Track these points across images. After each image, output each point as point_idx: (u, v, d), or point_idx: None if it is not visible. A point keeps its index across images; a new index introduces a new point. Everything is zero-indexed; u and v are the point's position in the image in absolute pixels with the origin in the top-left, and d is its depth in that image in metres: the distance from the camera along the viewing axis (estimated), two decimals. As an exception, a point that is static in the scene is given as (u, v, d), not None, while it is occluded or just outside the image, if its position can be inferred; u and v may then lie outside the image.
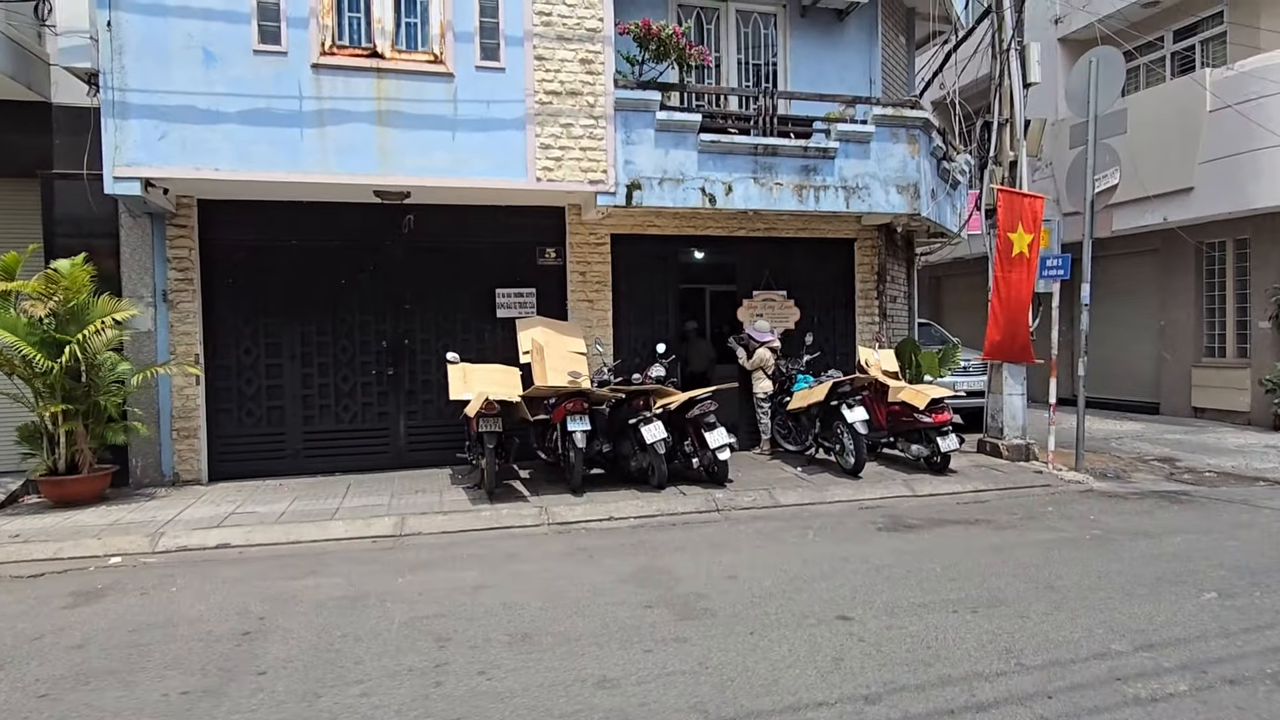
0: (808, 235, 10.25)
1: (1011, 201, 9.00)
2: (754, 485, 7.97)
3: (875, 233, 10.50)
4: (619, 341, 9.66)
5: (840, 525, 6.70)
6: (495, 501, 7.38)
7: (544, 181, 8.25)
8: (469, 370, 8.25)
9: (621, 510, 7.19)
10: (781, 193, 8.95)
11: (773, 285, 10.22)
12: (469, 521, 6.86)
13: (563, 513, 7.10)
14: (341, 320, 8.95)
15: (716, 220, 9.85)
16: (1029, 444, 9.35)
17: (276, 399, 8.80)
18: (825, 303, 10.48)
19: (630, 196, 8.50)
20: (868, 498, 7.67)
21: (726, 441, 7.70)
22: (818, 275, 10.44)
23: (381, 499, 7.58)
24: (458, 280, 9.26)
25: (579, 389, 7.69)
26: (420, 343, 9.18)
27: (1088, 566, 5.39)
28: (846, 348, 10.49)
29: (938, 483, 8.11)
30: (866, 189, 9.23)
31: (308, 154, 7.64)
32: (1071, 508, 7.29)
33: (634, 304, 9.76)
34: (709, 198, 8.73)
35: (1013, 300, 9.01)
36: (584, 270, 9.48)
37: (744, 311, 10.08)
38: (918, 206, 9.41)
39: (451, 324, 9.27)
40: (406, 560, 5.89)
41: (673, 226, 9.74)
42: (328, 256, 8.88)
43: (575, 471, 7.58)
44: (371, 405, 9.07)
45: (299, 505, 7.36)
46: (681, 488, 7.87)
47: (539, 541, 6.39)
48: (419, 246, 9.12)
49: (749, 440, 10.01)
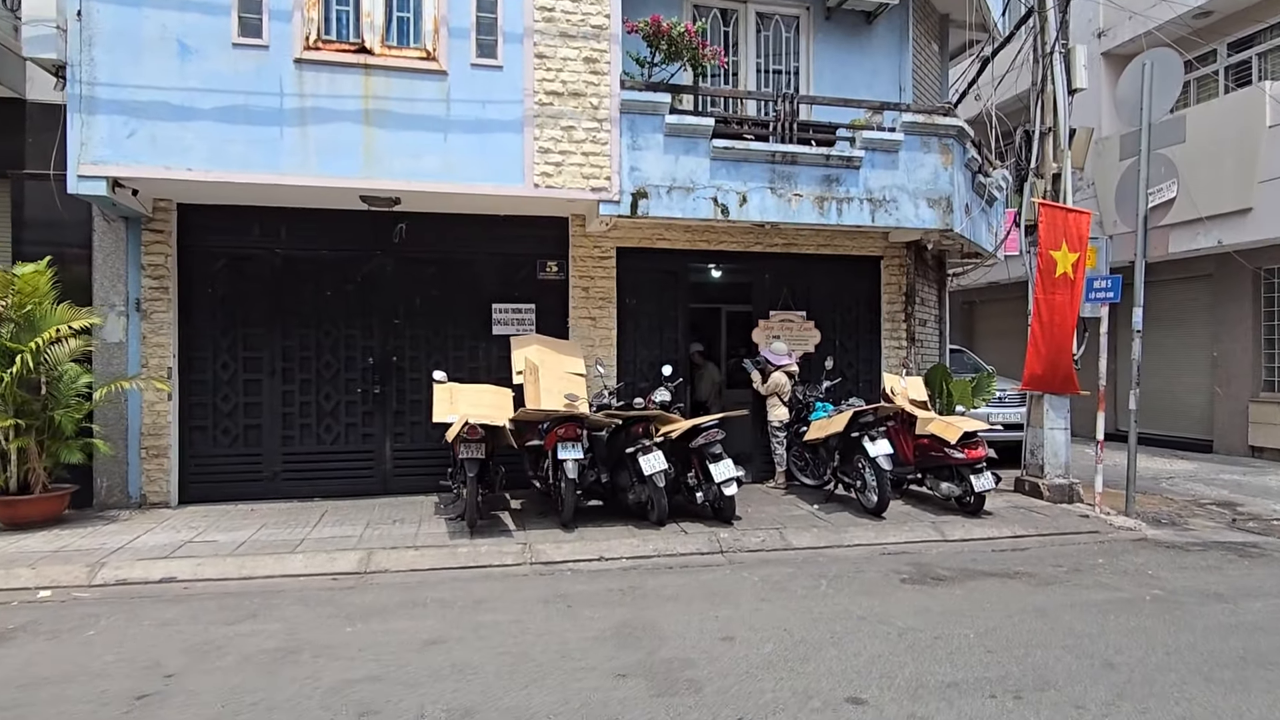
0: (830, 252, 9.52)
1: (1054, 217, 8.20)
2: (764, 523, 7.19)
3: (904, 250, 9.74)
4: (623, 363, 8.98)
5: (858, 574, 5.90)
6: (476, 536, 6.70)
7: (542, 188, 7.64)
8: (456, 391, 7.61)
9: (614, 549, 6.46)
10: (801, 204, 8.25)
11: (791, 305, 9.49)
12: (442, 559, 6.17)
13: (548, 551, 6.39)
14: (326, 334, 8.38)
15: (731, 234, 9.17)
16: (1072, 484, 8.46)
17: (254, 417, 8.23)
18: (848, 325, 9.72)
19: (635, 206, 7.85)
20: (891, 542, 6.85)
21: (733, 475, 6.95)
22: (840, 295, 9.69)
23: (355, 529, 6.93)
24: (452, 294, 8.66)
25: (572, 413, 7.00)
26: (410, 360, 8.57)
27: (1153, 639, 4.54)
28: (871, 374, 9.69)
29: (970, 526, 7.27)
30: (894, 202, 8.50)
31: (288, 155, 7.11)
32: (1124, 560, 6.41)
33: (640, 323, 9.08)
34: (721, 208, 8.05)
35: (1055, 325, 8.18)
36: (587, 286, 8.83)
37: (760, 333, 9.35)
38: (950, 222, 8.65)
39: (444, 340, 8.65)
40: (363, 604, 5.21)
41: (684, 240, 9.08)
42: (313, 266, 8.34)
43: (566, 504, 6.88)
44: (356, 426, 8.46)
45: (264, 534, 6.74)
46: (684, 524, 7.12)
47: (517, 585, 5.68)
48: (411, 257, 8.55)
49: (763, 471, 9.24)
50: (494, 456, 7.36)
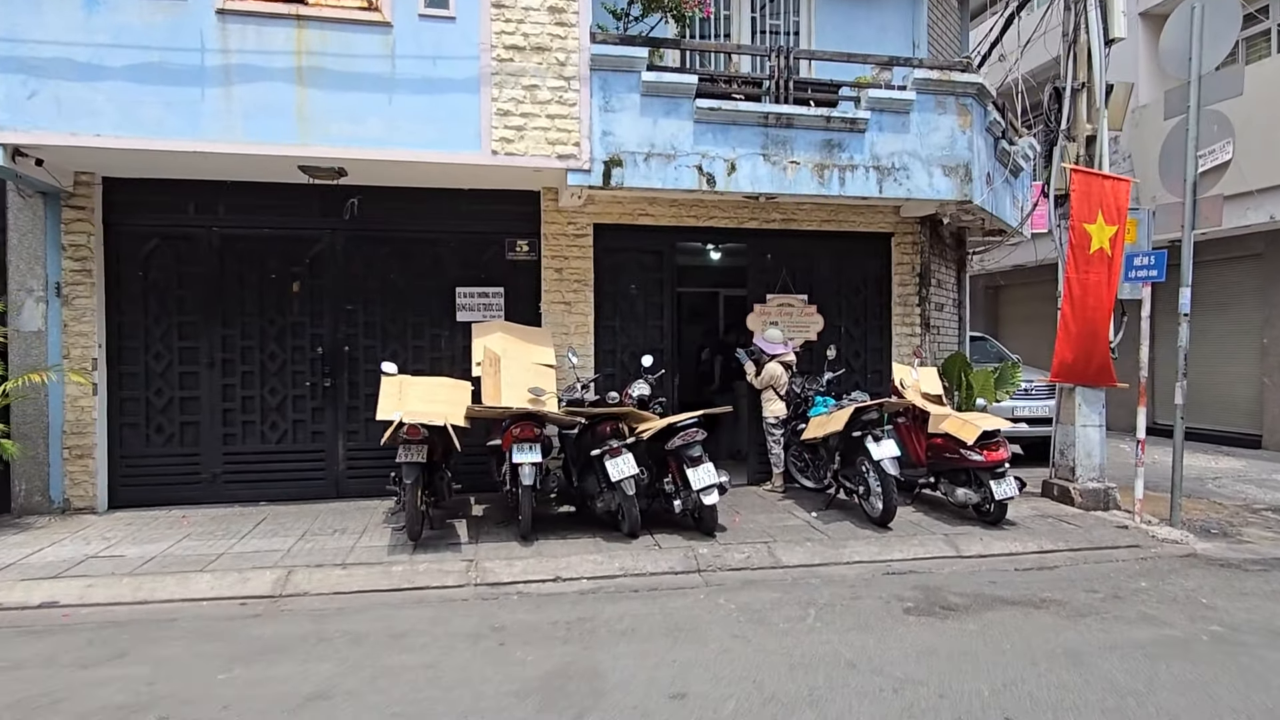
0: (834, 229, 8.55)
1: (1089, 185, 7.18)
2: (752, 535, 6.30)
3: (917, 227, 8.75)
4: (601, 353, 8.09)
5: (854, 601, 4.99)
6: (419, 550, 5.87)
7: (501, 155, 6.76)
8: (407, 384, 6.76)
9: (573, 568, 5.60)
10: (798, 173, 7.30)
11: (791, 288, 8.54)
12: (373, 579, 5.35)
13: (497, 570, 5.55)
14: (270, 322, 7.57)
15: (722, 209, 8.24)
16: (1108, 488, 7.46)
17: (192, 413, 7.45)
18: (855, 310, 8.75)
19: (609, 175, 6.95)
20: (897, 558, 5.93)
21: (714, 482, 6.05)
22: (847, 277, 8.72)
23: (287, 541, 6.13)
24: (411, 277, 7.82)
25: (527, 410, 6.14)
26: (364, 350, 7.75)
27: (1217, 699, 3.60)
28: (880, 364, 8.73)
29: (990, 539, 6.32)
30: (905, 170, 7.51)
31: (211, 119, 6.29)
32: (1172, 583, 5.45)
33: (620, 308, 8.18)
34: (707, 178, 7.12)
35: (1089, 308, 7.17)
36: (560, 267, 7.95)
37: (755, 319, 8.42)
38: (969, 192, 7.65)
39: (402, 328, 7.82)
40: (260, 638, 4.40)
41: (669, 216, 8.16)
42: (256, 247, 7.53)
43: (523, 514, 6.04)
44: (304, 423, 7.66)
45: (183, 547, 5.96)
46: (660, 536, 6.25)
47: (450, 613, 4.84)
48: (365, 236, 7.71)
49: (760, 473, 8.33)
50: (447, 458, 6.55)
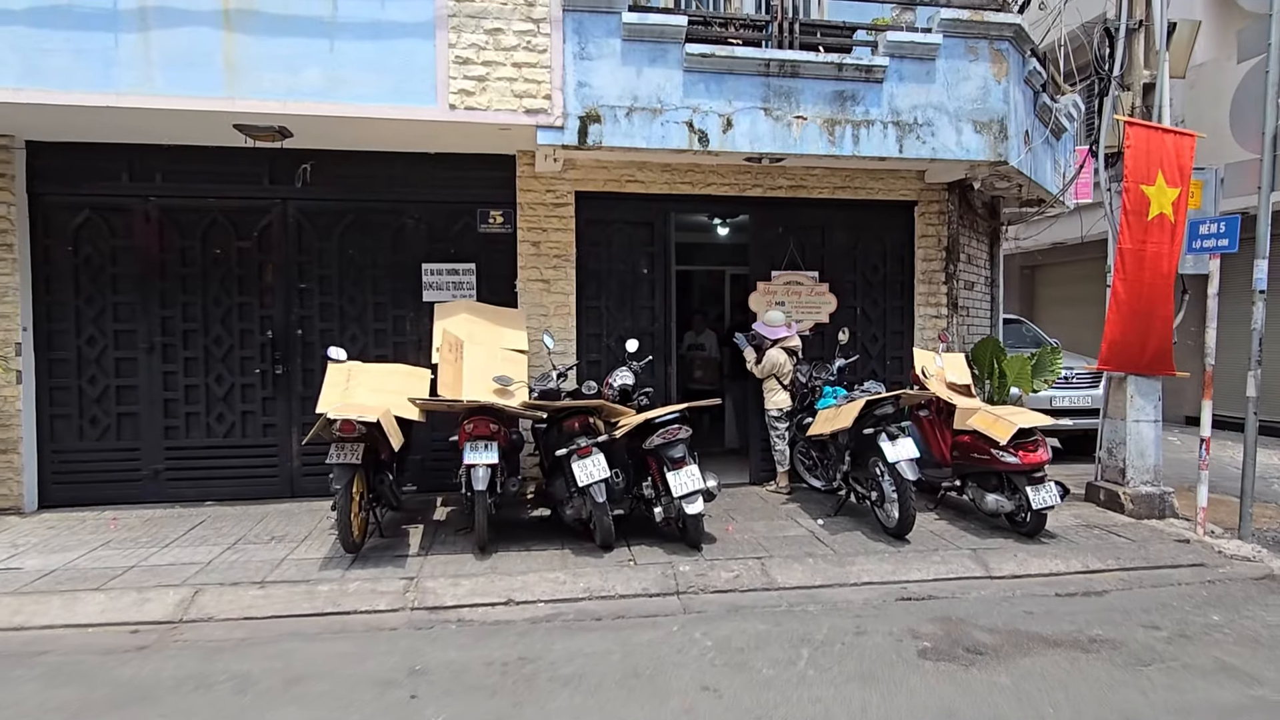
0: (849, 197, 7.57)
1: (1147, 140, 6.14)
2: (745, 549, 5.42)
3: (944, 193, 7.74)
4: (584, 337, 7.23)
5: (859, 638, 4.11)
6: (357, 565, 5.09)
7: (461, 110, 5.90)
8: (356, 372, 5.97)
9: (530, 588, 4.78)
10: (805, 130, 6.35)
11: (800, 264, 7.59)
12: (292, 602, 4.57)
13: (441, 590, 4.74)
14: (215, 302, 6.82)
15: (721, 174, 7.31)
16: (1164, 494, 6.45)
17: (130, 403, 6.74)
18: (872, 289, 7.78)
19: (585, 132, 6.06)
20: (914, 579, 5.02)
21: (699, 487, 5.18)
22: (863, 251, 7.74)
23: (213, 550, 5.39)
24: (372, 252, 7.02)
25: (481, 404, 5.32)
26: (320, 333, 6.96)
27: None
28: (900, 350, 7.76)
29: (1026, 555, 5.38)
30: (929, 126, 6.52)
31: (126, 69, 5.50)
32: (1251, 615, 4.48)
33: (607, 287, 7.30)
34: (699, 135, 6.20)
35: (1146, 284, 6.15)
36: (538, 240, 7.08)
37: (758, 298, 7.49)
38: (1003, 152, 6.64)
39: (362, 310, 7.03)
40: (128, 682, 3.64)
41: (661, 182, 7.24)
42: (198, 219, 6.77)
43: (478, 523, 5.22)
44: (254, 414, 6.92)
45: (93, 557, 5.24)
46: (639, 548, 5.41)
47: (370, 647, 4.04)
48: (320, 207, 6.92)
49: (764, 471, 7.44)
50: (403, 456, 5.79)
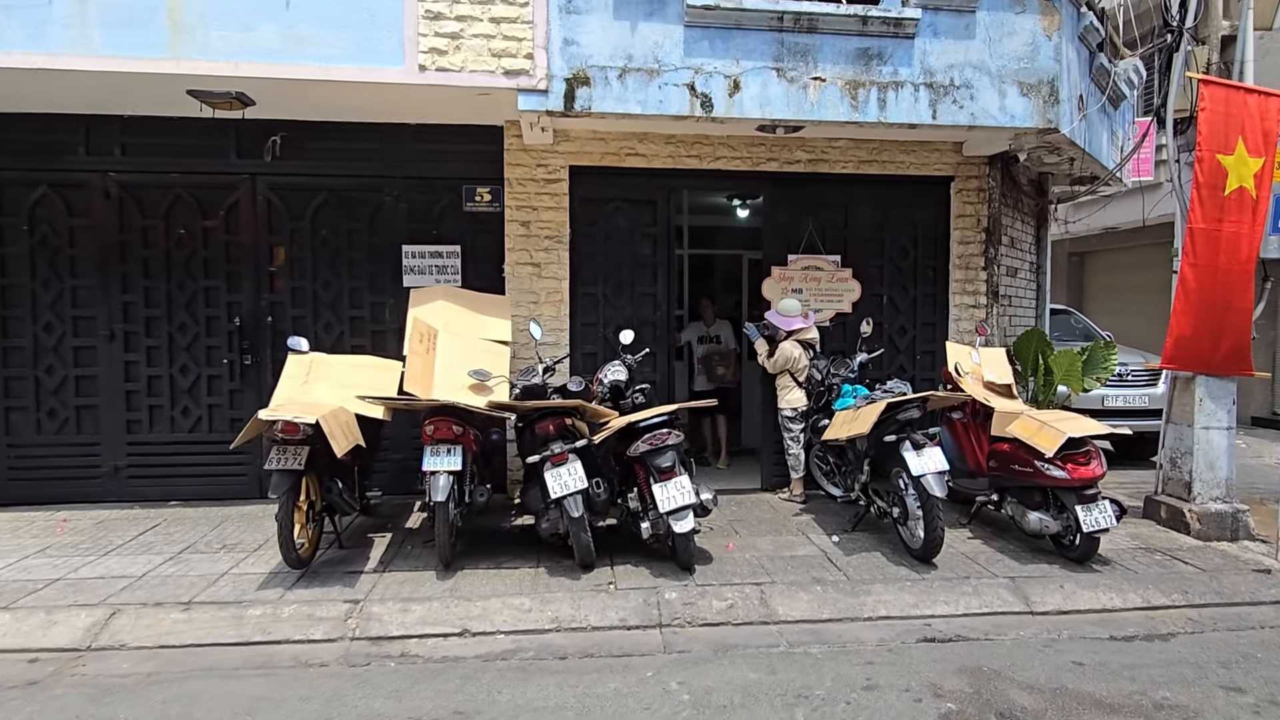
0: (876, 172, 6.78)
1: (1227, 102, 5.26)
2: (744, 571, 4.74)
3: (984, 168, 6.90)
4: (578, 328, 6.57)
5: (868, 694, 3.41)
6: (301, 583, 4.52)
7: (432, 71, 5.26)
8: (319, 365, 5.41)
9: (491, 616, 4.16)
10: (824, 94, 5.59)
11: (820, 247, 6.82)
12: (217, 628, 4.02)
13: (388, 617, 4.15)
14: (180, 287, 6.31)
15: (731, 146, 6.57)
16: (1238, 511, 5.58)
17: (89, 395, 6.27)
18: (902, 275, 6.98)
19: (572, 96, 5.38)
20: (939, 614, 4.29)
21: (689, 502, 4.49)
22: (891, 233, 6.95)
23: (153, 561, 4.87)
24: (348, 232, 6.45)
25: (440, 403, 4.69)
26: (292, 321, 6.40)
27: None
28: (933, 343, 6.96)
29: (1074, 586, 4.60)
30: (967, 88, 5.72)
31: (60, 27, 4.97)
32: (1355, 673, 3.68)
33: (603, 272, 6.63)
34: (701, 99, 5.49)
35: (1221, 270, 5.29)
36: (528, 219, 6.43)
37: (772, 285, 6.75)
38: (1054, 118, 5.81)
39: (336, 295, 6.46)
40: (-7, 732, 3.11)
41: (664, 156, 6.53)
42: (162, 197, 6.25)
43: (438, 540, 4.62)
44: (221, 408, 6.40)
45: (20, 568, 4.76)
46: (622, 569, 4.76)
47: (287, 689, 3.46)
48: (291, 184, 6.35)
49: (777, 476, 6.72)
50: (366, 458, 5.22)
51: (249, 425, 4.40)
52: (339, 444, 4.30)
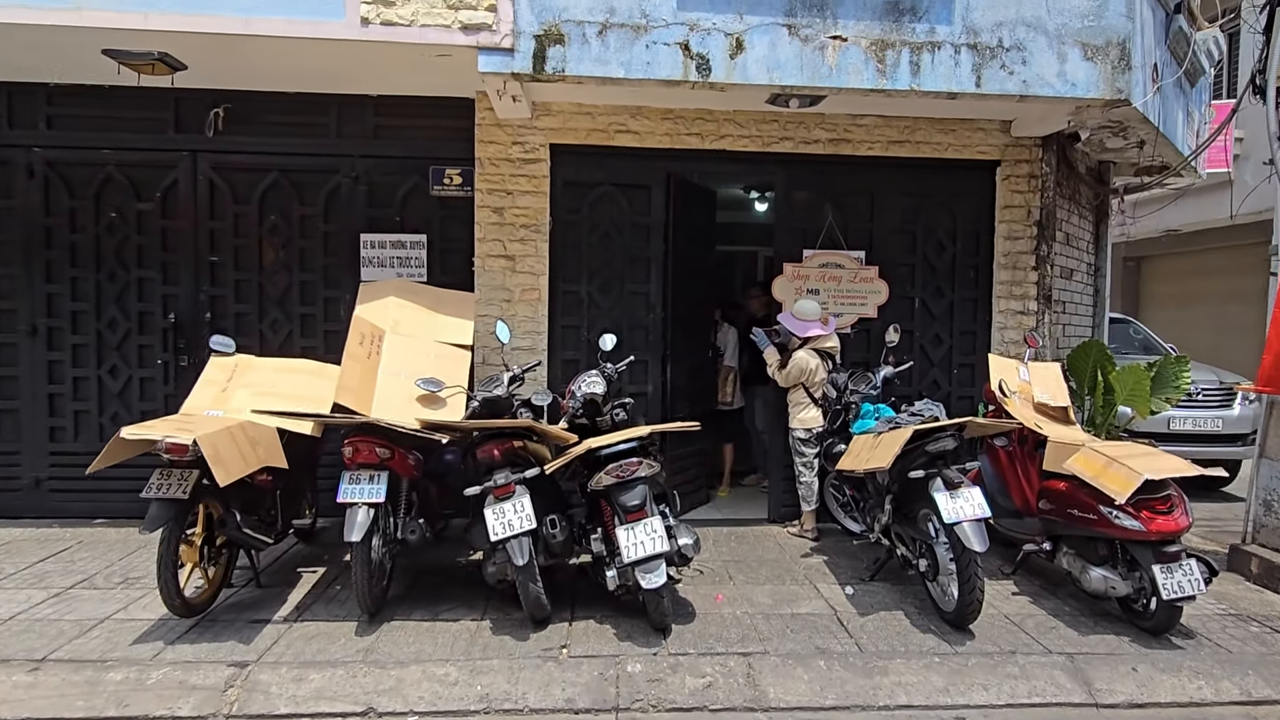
0: (909, 154, 5.83)
1: (1347, 61, 4.23)
2: (732, 634, 3.83)
3: (1037, 150, 5.90)
4: (559, 330, 5.72)
5: (877, 838, 2.49)
6: (186, 637, 3.73)
7: (376, 25, 4.46)
8: (244, 369, 4.62)
9: (403, 690, 3.32)
10: (845, 56, 4.68)
11: (841, 241, 5.89)
12: (64, 696, 3.23)
13: (278, 687, 3.32)
14: (110, 278, 5.60)
15: (739, 123, 5.67)
16: (1351, 570, 4.54)
17: (7, 398, 5.59)
18: (937, 275, 6.01)
19: (542, 57, 4.54)
20: (977, 705, 3.34)
21: (659, 550, 3.60)
22: (926, 226, 5.98)
23: (35, 596, 4.15)
24: (299, 218, 5.69)
25: (361, 422, 3.87)
26: (235, 318, 5.67)
27: None
28: (973, 354, 5.98)
29: (1150, 669, 3.62)
30: (1019, 50, 4.76)
31: (-55, -29, 4.27)
32: None
33: (588, 267, 5.76)
34: (697, 62, 4.61)
35: (1337, 271, 4.26)
36: (501, 205, 5.60)
37: (784, 284, 5.84)
38: (1125, 88, 4.82)
39: (285, 289, 5.71)
40: None
41: (661, 133, 5.66)
42: (90, 175, 5.55)
43: (357, 586, 3.80)
44: (155, 414, 5.54)
45: (-119, 602, 4.05)
46: (582, 624, 3.90)
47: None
48: (236, 163, 5.62)
49: (788, 506, 5.79)
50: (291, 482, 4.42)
51: (109, 446, 3.60)
52: (226, 469, 3.48)
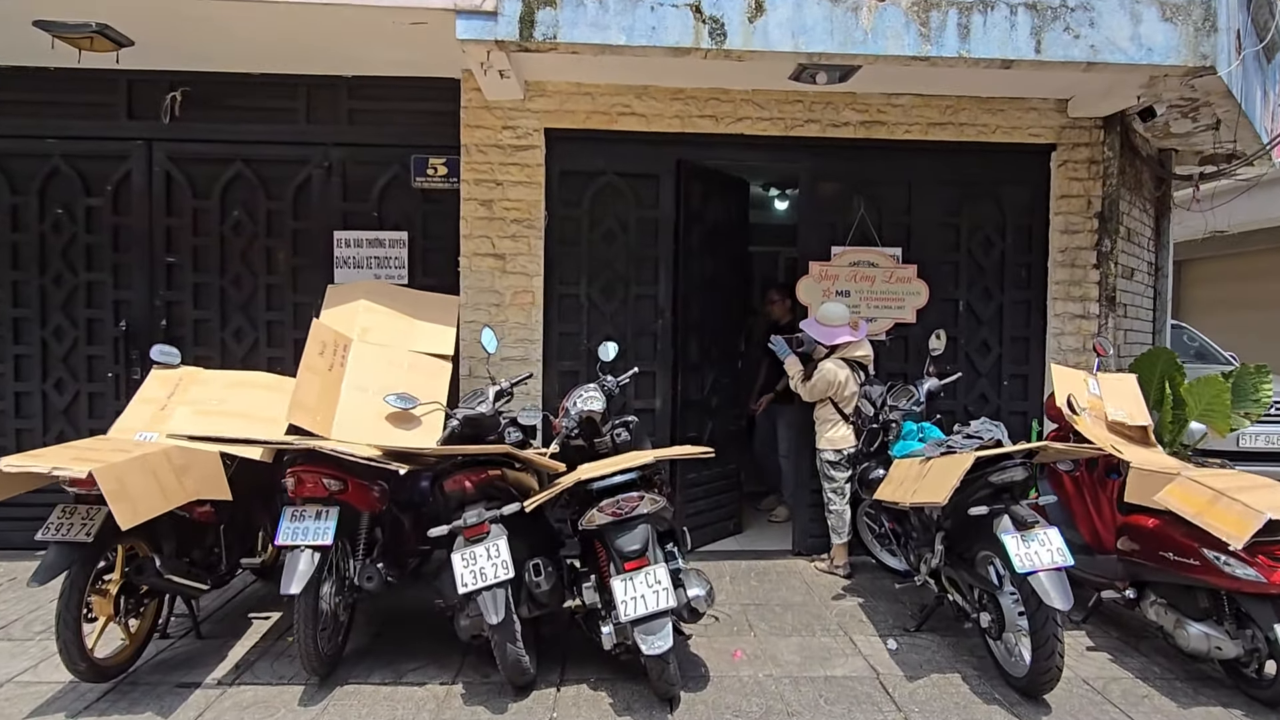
0: (951, 138, 5.14)
1: None
2: (752, 707, 3.14)
3: (1099, 133, 5.19)
4: (555, 339, 5.06)
5: None
6: (91, 710, 3.10)
7: (335, -14, 3.86)
8: (189, 383, 4.03)
9: (348, 785, 2.67)
10: (882, 18, 4.02)
11: (874, 236, 5.21)
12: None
13: (192, 778, 2.69)
14: (56, 282, 5.02)
15: (759, 104, 5.02)
16: None
17: (-57, 416, 5.04)
18: (985, 274, 5.29)
19: (530, 22, 3.92)
20: (1066, 810, 2.65)
21: (663, 607, 2.93)
22: (970, 219, 5.28)
23: (-65, 652, 3.53)
24: (266, 215, 5.10)
25: (301, 448, 3.23)
26: (194, 325, 5.08)
27: None
28: (1025, 364, 5.26)
29: (1277, 755, 2.92)
30: (1086, 10, 4.08)
31: None
32: None
33: (589, 267, 5.10)
34: (710, 26, 3.96)
35: None
36: (490, 198, 4.97)
37: (810, 285, 5.16)
38: (1210, 53, 4.12)
39: (250, 294, 5.10)
40: None
41: (670, 115, 5.01)
42: (34, 168, 4.99)
43: (299, 644, 3.15)
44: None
45: None
46: (572, 690, 3.24)
47: None
48: (195, 154, 5.04)
49: (814, 536, 5.10)
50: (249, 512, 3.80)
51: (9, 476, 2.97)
52: (133, 507, 2.83)
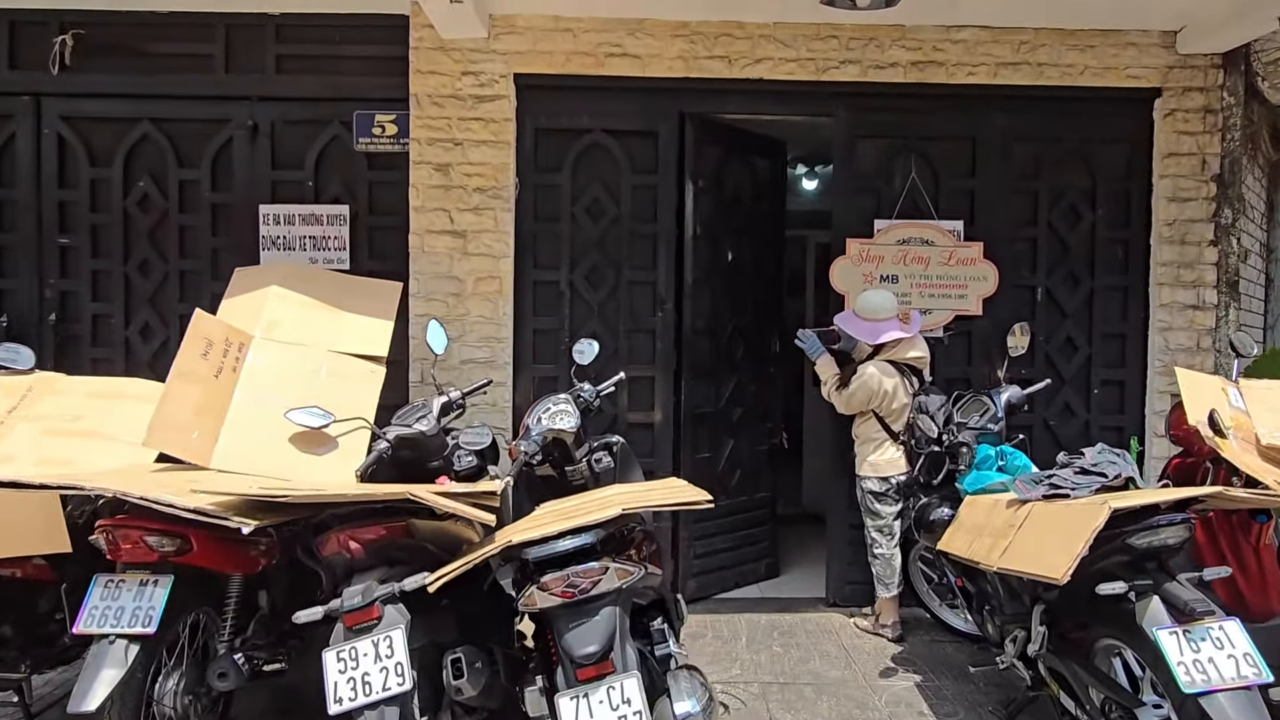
0: (1025, 82, 4.07)
1: None
2: None
3: (1215, 74, 4.11)
4: (526, 335, 4.09)
5: None
6: None
7: None
8: (41, 392, 3.08)
9: None
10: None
11: (929, 207, 4.15)
12: None
13: None
14: (-75, 267, 4.17)
15: (781, 40, 4.00)
16: None
17: None
18: (1068, 254, 4.21)
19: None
20: None
21: None
22: (1050, 184, 4.20)
23: None
24: (178, 185, 4.21)
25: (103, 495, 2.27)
26: (91, 320, 4.19)
27: None
28: (1122, 368, 4.18)
29: None
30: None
31: None
32: None
33: (570, 247, 4.11)
34: (717, -85, 2.96)
35: None
36: (446, 161, 4.00)
37: (846, 268, 4.12)
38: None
39: (159, 283, 4.20)
40: None
41: (672, 55, 4.01)
42: (-100, 129, 4.15)
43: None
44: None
45: None
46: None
47: None
48: (94, 111, 4.17)
49: (855, 583, 4.07)
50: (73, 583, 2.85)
51: None
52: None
